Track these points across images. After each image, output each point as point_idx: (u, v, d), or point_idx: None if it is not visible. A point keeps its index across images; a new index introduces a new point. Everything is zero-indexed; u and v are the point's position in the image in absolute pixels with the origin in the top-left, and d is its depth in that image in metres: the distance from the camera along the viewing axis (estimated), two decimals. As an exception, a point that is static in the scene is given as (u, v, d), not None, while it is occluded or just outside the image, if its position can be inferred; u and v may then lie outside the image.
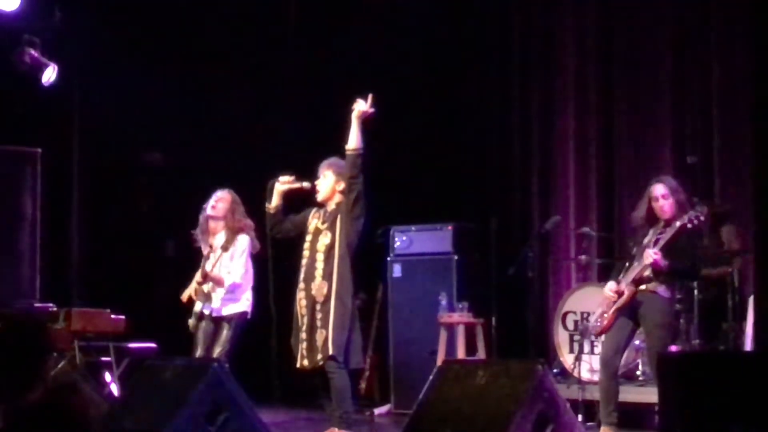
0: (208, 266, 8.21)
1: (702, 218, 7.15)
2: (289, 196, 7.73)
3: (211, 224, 8.36)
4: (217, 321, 8.20)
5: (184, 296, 8.33)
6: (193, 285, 8.31)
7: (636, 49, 10.20)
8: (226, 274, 8.16)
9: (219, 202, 8.35)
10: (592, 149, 10.39)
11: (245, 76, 11.15)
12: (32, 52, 9.78)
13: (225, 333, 8.16)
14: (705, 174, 9.43)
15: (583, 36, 10.54)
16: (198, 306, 8.23)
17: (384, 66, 10.63)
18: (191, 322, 8.29)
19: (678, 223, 7.16)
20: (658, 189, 7.36)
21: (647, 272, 7.21)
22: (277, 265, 7.69)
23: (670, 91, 9.94)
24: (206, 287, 8.16)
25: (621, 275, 7.41)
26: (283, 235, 7.77)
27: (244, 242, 8.23)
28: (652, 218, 7.38)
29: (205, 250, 8.35)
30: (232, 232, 8.24)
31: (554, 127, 10.64)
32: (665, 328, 7.34)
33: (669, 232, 7.21)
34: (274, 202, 7.65)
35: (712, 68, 9.63)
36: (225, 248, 8.19)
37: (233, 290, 8.17)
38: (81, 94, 10.66)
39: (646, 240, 7.35)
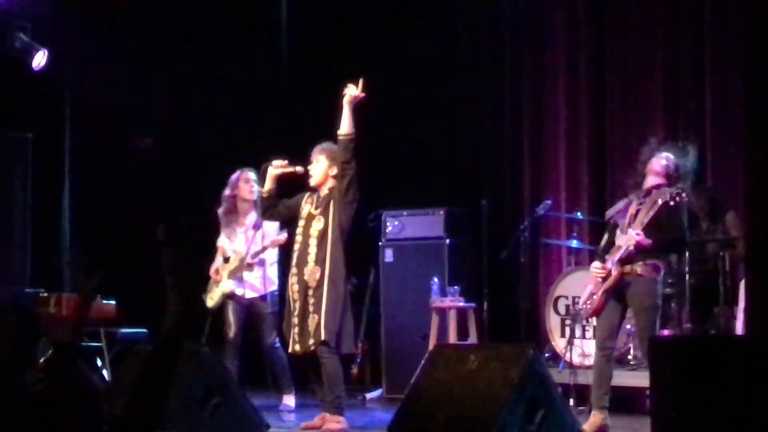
0: (239, 247, 8.43)
1: (683, 195, 7.12)
2: (282, 180, 7.73)
3: (242, 205, 8.51)
4: (255, 302, 8.37)
5: (212, 271, 8.53)
6: (219, 261, 8.57)
7: (628, 33, 10.18)
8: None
9: (255, 184, 8.43)
10: (583, 133, 10.38)
11: (238, 61, 11.11)
12: (22, 36, 9.74)
13: (271, 318, 8.38)
14: (697, 159, 9.41)
15: (574, 19, 10.51)
16: (229, 286, 8.44)
17: (375, 51, 10.61)
18: (213, 299, 8.41)
19: (660, 201, 7.12)
20: (655, 163, 7.33)
21: (632, 249, 7.19)
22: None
23: (663, 75, 9.92)
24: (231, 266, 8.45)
25: (603, 251, 7.39)
26: (276, 219, 7.78)
27: (276, 222, 8.38)
28: (639, 183, 7.38)
29: (230, 233, 8.47)
30: None
31: (545, 110, 10.63)
32: (653, 310, 7.32)
33: (649, 208, 7.17)
34: (267, 186, 7.65)
35: (705, 52, 9.62)
36: (257, 228, 8.30)
37: (268, 266, 8.36)
38: (72, 78, 10.61)
39: (621, 204, 7.34)
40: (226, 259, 8.63)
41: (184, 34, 11.12)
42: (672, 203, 7.09)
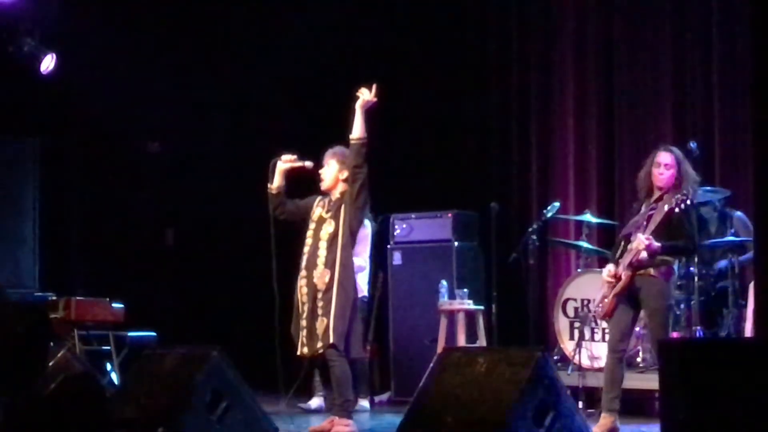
0: None
1: (689, 201, 7.08)
2: (291, 175, 7.65)
3: None
4: None
5: None
6: None
7: (636, 34, 10.17)
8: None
9: None
10: (592, 135, 10.37)
11: (245, 64, 11.12)
12: (30, 41, 9.77)
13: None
14: (706, 160, 9.40)
15: (583, 20, 10.51)
16: None
17: (384, 51, 10.61)
18: None
19: (666, 207, 7.10)
20: (664, 157, 7.27)
21: (642, 255, 7.18)
22: (279, 250, 7.63)
23: (671, 76, 9.92)
24: None
25: (617, 256, 7.37)
26: (286, 216, 7.67)
27: (368, 227, 8.45)
28: (650, 185, 7.32)
29: None
30: None
31: (553, 112, 10.62)
32: (665, 311, 7.34)
33: (658, 214, 7.15)
34: (276, 182, 7.57)
35: (713, 53, 9.62)
36: None
37: (358, 272, 8.40)
38: (79, 82, 10.64)
39: (638, 217, 7.31)
40: None
41: (194, 38, 11.13)
42: (677, 209, 7.05)
